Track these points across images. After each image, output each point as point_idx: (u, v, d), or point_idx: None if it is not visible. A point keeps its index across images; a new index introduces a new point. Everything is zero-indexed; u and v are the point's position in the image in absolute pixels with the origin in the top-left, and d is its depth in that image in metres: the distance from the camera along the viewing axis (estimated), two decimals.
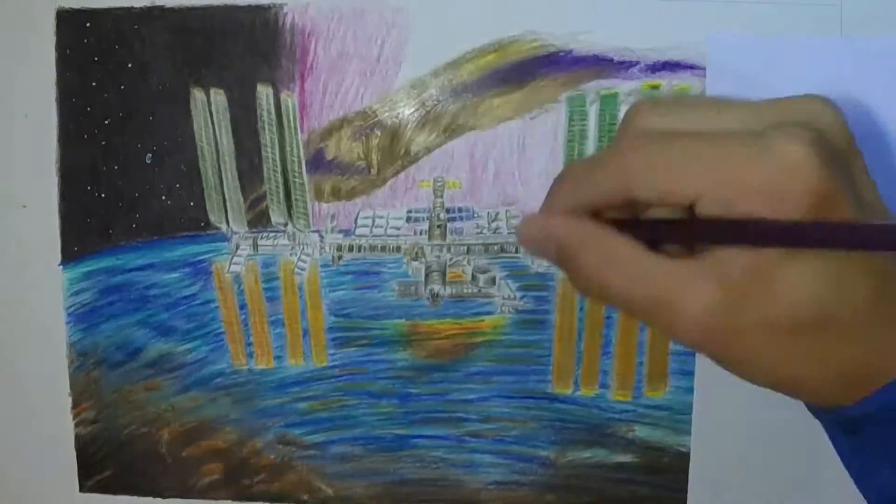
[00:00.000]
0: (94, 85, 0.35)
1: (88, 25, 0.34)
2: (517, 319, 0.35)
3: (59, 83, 0.35)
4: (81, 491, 0.37)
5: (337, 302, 0.35)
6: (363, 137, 0.34)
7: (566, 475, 0.35)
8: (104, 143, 0.35)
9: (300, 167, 0.34)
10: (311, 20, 0.34)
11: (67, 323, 0.36)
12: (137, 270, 0.36)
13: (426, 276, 0.35)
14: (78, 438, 0.37)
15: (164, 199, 0.35)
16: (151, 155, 0.35)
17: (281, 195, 0.35)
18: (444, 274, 0.35)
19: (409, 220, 0.35)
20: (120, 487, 0.37)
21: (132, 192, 0.35)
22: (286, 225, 0.35)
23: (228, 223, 0.35)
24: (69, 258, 0.36)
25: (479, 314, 0.35)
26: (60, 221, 0.36)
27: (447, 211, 0.34)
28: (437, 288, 0.35)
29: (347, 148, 0.34)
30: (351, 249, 0.35)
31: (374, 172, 0.34)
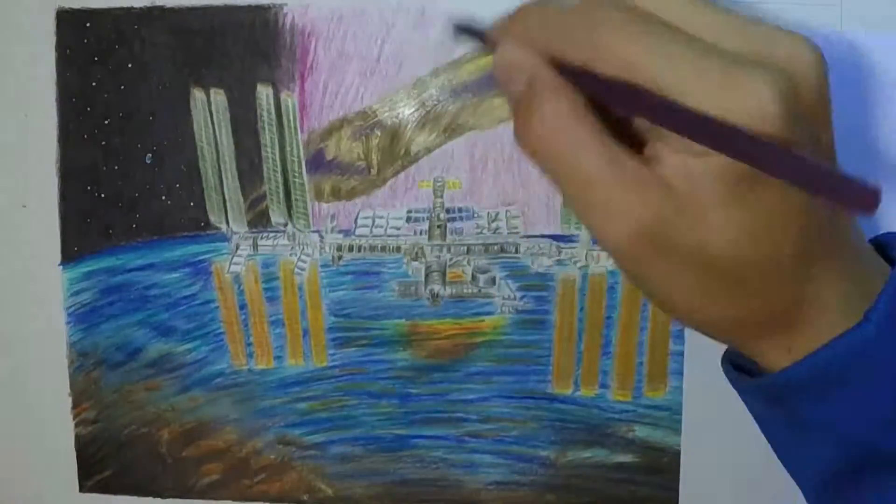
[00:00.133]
0: (94, 85, 0.35)
1: (88, 25, 0.34)
2: (517, 319, 0.35)
3: (59, 83, 0.35)
4: (81, 491, 0.37)
5: (337, 302, 0.35)
6: (363, 137, 0.34)
7: (566, 475, 0.35)
8: (104, 143, 0.35)
9: (300, 167, 0.34)
10: (311, 20, 0.34)
11: (67, 323, 0.36)
12: (137, 270, 0.36)
13: (426, 276, 0.35)
14: (78, 438, 0.37)
15: (164, 199, 0.35)
16: (151, 155, 0.35)
17: (281, 195, 0.35)
18: (444, 274, 0.35)
19: (409, 220, 0.35)
20: (120, 487, 0.37)
21: (132, 192, 0.35)
22: (286, 225, 0.35)
23: (228, 223, 0.35)
24: (69, 258, 0.36)
25: (479, 314, 0.35)
26: (60, 221, 0.36)
27: (447, 211, 0.34)
28: (437, 288, 0.35)
29: (347, 148, 0.34)
30: (351, 249, 0.35)
31: (374, 172, 0.34)
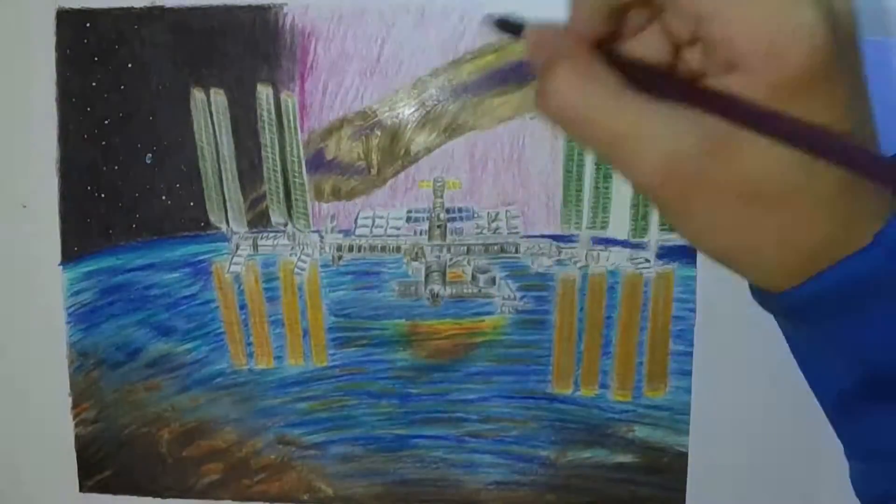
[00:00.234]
0: (94, 85, 0.35)
1: (88, 25, 0.34)
2: (517, 319, 0.35)
3: (59, 83, 0.35)
4: (81, 491, 0.37)
5: (337, 302, 0.35)
6: (363, 137, 0.34)
7: (566, 475, 0.35)
8: (104, 143, 0.35)
9: (300, 167, 0.34)
10: (311, 20, 0.34)
11: (67, 323, 0.36)
12: (137, 270, 0.36)
13: (426, 276, 0.35)
14: (78, 438, 0.37)
15: (164, 199, 0.35)
16: (151, 155, 0.35)
17: (281, 195, 0.35)
18: (444, 274, 0.35)
19: (409, 220, 0.35)
20: (120, 487, 0.37)
21: (132, 192, 0.35)
22: (286, 225, 0.35)
23: (228, 223, 0.35)
24: (69, 258, 0.36)
25: (479, 314, 0.35)
26: (60, 221, 0.36)
27: (447, 211, 0.34)
28: (437, 288, 0.35)
29: (347, 148, 0.34)
30: (351, 249, 0.35)
31: (374, 172, 0.34)
